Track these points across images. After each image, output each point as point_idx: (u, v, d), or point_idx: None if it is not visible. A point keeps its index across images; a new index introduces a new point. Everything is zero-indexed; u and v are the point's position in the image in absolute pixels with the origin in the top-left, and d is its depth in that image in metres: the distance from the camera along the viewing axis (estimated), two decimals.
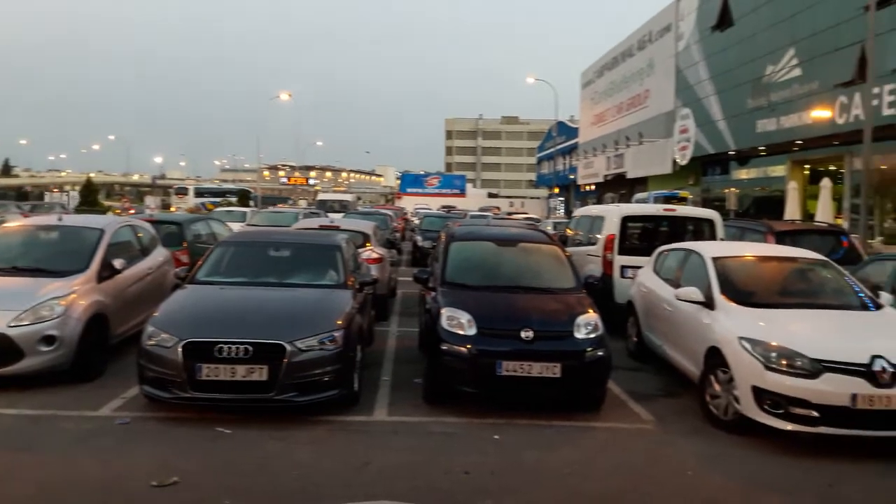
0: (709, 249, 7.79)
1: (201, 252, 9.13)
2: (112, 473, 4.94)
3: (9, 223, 9.63)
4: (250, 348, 5.84)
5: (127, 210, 41.83)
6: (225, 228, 13.74)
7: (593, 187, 56.09)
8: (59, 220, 8.82)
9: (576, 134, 60.62)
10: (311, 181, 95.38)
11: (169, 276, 9.58)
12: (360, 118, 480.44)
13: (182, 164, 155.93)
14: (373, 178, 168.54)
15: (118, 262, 7.86)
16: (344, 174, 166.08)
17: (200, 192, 63.80)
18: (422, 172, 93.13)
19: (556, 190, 63.19)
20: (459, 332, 6.49)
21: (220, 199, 56.00)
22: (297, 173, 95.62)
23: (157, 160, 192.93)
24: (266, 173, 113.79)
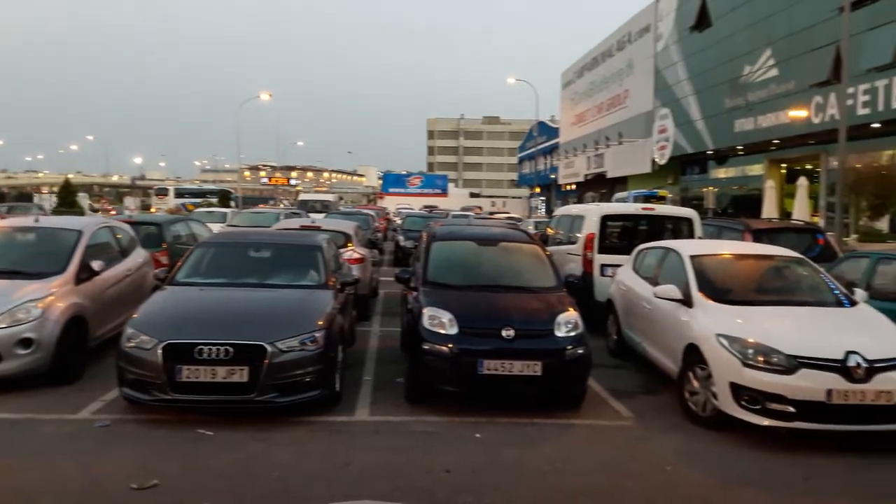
0: (687, 248, 7.86)
1: (181, 253, 9.07)
2: (91, 476, 4.91)
3: None
4: (231, 349, 5.81)
5: (108, 211, 41.34)
6: (205, 229, 13.64)
7: (574, 187, 56.43)
8: (35, 221, 8.72)
9: (556, 134, 60.93)
10: (293, 181, 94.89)
11: (148, 278, 9.48)
12: (341, 118, 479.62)
13: (162, 164, 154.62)
14: (355, 178, 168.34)
15: (96, 264, 7.78)
16: (326, 174, 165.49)
17: (181, 193, 63.11)
18: (404, 172, 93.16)
19: (537, 189, 63.46)
20: (441, 331, 6.51)
21: (200, 199, 55.48)
22: (278, 174, 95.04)
23: (137, 161, 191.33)
24: (247, 174, 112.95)
